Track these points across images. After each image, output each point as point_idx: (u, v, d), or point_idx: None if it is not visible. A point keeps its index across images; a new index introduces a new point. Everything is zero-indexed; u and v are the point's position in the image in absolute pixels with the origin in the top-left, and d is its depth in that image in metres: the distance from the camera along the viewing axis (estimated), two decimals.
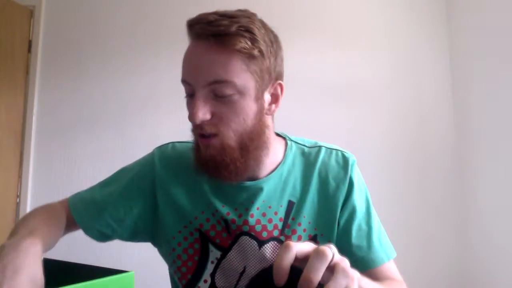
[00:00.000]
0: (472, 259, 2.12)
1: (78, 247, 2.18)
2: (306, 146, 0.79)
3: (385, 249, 0.75)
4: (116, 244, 2.46)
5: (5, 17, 2.29)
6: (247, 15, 0.65)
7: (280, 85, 0.70)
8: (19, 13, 2.36)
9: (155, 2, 2.40)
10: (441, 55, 2.37)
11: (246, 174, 0.71)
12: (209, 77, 0.62)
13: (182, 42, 0.71)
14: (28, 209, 2.27)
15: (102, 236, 0.76)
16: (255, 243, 0.71)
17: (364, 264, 0.73)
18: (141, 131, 2.30)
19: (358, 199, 0.75)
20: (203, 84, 0.63)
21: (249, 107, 0.65)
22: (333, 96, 2.29)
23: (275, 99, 0.70)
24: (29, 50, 2.38)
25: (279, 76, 0.70)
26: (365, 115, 2.30)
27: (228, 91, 0.63)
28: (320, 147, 0.78)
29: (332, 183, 0.74)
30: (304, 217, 0.73)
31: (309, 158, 0.77)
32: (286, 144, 0.78)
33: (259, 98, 0.67)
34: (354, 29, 2.37)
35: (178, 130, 2.30)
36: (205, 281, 0.72)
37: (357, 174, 0.77)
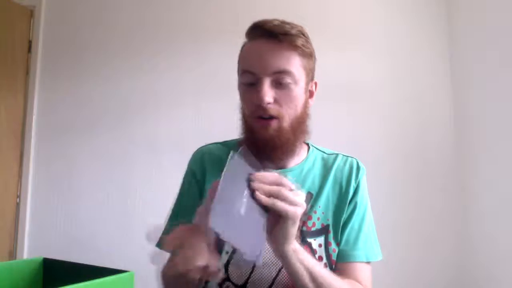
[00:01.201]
0: (472, 259, 2.12)
1: (78, 247, 2.18)
2: (326, 153, 0.91)
3: (366, 250, 0.82)
4: (116, 244, 2.45)
5: (5, 17, 2.29)
6: (299, 25, 0.80)
7: (315, 83, 0.86)
8: (19, 13, 2.36)
9: (155, 3, 2.40)
10: (441, 56, 2.37)
11: (282, 162, 0.83)
12: (275, 68, 0.75)
13: (181, 42, 0.72)
14: (28, 209, 2.27)
15: None
16: None
17: (342, 256, 0.81)
18: (141, 131, 2.30)
19: (360, 203, 0.85)
20: (269, 73, 0.75)
21: (301, 96, 0.79)
22: (333, 97, 2.28)
23: (311, 95, 0.85)
24: (29, 50, 2.38)
25: (313, 78, 0.85)
26: (366, 116, 2.30)
27: (288, 79, 0.76)
28: (337, 154, 0.91)
29: (344, 184, 0.85)
30: (320, 207, 0.83)
31: (327, 162, 0.89)
32: (309, 148, 0.91)
33: (306, 90, 0.81)
34: (354, 30, 2.36)
35: (178, 130, 2.30)
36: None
37: (364, 182, 0.87)
